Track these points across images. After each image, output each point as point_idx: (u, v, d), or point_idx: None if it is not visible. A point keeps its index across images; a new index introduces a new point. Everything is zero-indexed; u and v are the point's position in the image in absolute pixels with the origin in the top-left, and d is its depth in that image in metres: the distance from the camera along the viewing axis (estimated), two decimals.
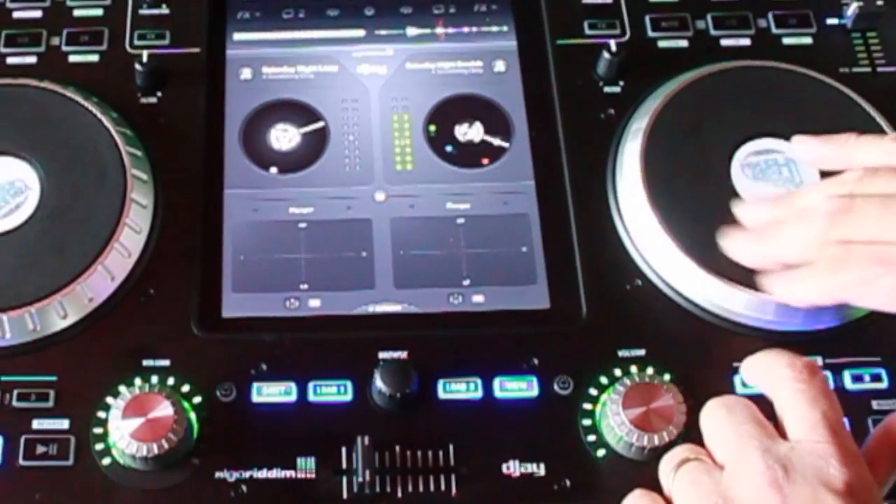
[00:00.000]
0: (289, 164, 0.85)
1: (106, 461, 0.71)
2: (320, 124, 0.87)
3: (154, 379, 0.73)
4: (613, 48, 0.86)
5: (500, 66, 0.89)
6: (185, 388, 0.73)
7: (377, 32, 0.91)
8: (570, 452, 0.72)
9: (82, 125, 0.82)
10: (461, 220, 0.82)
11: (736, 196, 0.79)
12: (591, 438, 0.73)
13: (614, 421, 0.70)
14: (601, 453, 0.72)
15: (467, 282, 0.80)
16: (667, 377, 0.73)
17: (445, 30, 0.91)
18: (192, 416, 0.72)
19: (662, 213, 0.78)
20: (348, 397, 0.74)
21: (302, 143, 0.86)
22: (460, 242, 0.81)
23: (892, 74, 0.88)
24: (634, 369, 0.74)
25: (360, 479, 0.69)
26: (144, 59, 0.85)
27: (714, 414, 0.65)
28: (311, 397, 0.74)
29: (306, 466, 0.72)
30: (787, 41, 0.89)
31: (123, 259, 0.78)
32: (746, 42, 0.89)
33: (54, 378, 0.74)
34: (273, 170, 0.85)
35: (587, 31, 0.89)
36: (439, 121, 0.87)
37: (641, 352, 0.75)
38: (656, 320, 0.77)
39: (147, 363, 0.75)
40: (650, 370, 0.74)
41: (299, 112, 0.87)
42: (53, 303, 0.75)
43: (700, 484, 0.63)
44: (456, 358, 0.75)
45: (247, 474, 0.71)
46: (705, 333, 0.77)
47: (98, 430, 0.72)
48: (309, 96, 0.88)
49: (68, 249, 0.76)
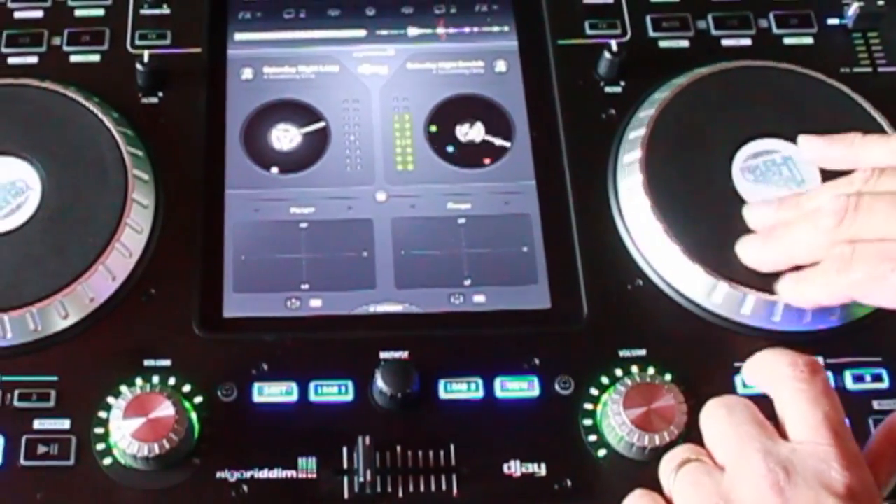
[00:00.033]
0: (290, 164, 0.85)
1: (107, 461, 0.71)
2: (321, 124, 0.87)
3: (155, 379, 0.73)
4: (614, 48, 0.85)
5: (502, 67, 0.89)
6: (187, 388, 0.73)
7: (378, 32, 0.91)
8: (571, 452, 0.72)
9: (83, 125, 0.81)
10: (462, 220, 0.82)
11: (737, 195, 0.79)
12: (592, 438, 0.73)
13: (615, 421, 0.70)
14: (602, 453, 0.72)
15: (468, 282, 0.80)
16: (668, 377, 0.73)
17: (446, 30, 0.91)
18: (194, 416, 0.72)
19: (663, 213, 0.78)
20: (349, 397, 0.74)
21: (303, 143, 0.86)
22: (461, 242, 0.81)
23: (894, 74, 0.87)
24: (635, 369, 0.74)
25: (361, 479, 0.69)
26: (146, 59, 0.85)
27: (714, 414, 0.65)
28: (313, 397, 0.74)
29: (307, 466, 0.72)
30: (788, 41, 0.89)
31: (125, 259, 0.78)
32: (747, 42, 0.89)
33: (55, 378, 0.74)
34: (274, 170, 0.85)
35: (588, 32, 0.89)
36: (440, 121, 0.87)
37: (642, 352, 0.75)
38: (657, 320, 0.77)
39: (148, 363, 0.75)
40: (651, 370, 0.74)
41: (300, 112, 0.87)
42: (55, 303, 0.75)
43: (701, 485, 0.62)
44: (457, 358, 0.75)
45: (248, 474, 0.71)
46: (706, 333, 0.77)
47: (99, 430, 0.72)
48: (310, 96, 0.88)
49: (69, 249, 0.76)
